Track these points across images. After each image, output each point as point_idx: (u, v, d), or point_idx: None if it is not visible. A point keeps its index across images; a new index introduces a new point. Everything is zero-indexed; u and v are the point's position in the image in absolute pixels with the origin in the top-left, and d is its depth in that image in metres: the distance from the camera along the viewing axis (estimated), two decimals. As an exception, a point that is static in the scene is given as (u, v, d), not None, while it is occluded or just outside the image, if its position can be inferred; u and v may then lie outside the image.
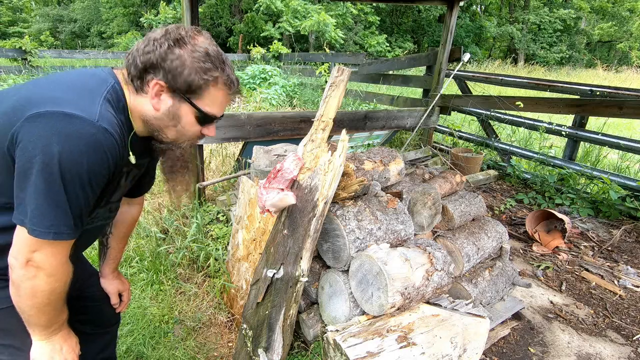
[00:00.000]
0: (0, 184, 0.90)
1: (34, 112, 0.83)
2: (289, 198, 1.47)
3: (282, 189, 1.50)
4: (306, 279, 1.48)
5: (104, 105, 0.90)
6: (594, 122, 5.83)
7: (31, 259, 0.87)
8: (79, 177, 0.86)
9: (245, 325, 1.69)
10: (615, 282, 2.74)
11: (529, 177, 4.41)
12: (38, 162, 0.81)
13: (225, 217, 2.93)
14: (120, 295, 1.42)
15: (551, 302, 2.52)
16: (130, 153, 1.00)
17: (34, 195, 0.83)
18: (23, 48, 8.16)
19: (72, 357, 1.05)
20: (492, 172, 4.64)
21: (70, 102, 0.85)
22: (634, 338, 2.22)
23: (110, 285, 1.40)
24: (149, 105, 0.98)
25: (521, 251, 3.15)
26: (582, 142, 4.31)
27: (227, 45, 17.46)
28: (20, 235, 0.87)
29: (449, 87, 4.76)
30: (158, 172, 1.35)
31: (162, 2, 14.41)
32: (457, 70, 4.82)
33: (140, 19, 14.13)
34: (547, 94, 4.83)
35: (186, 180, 1.23)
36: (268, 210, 1.49)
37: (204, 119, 1.02)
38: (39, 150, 0.81)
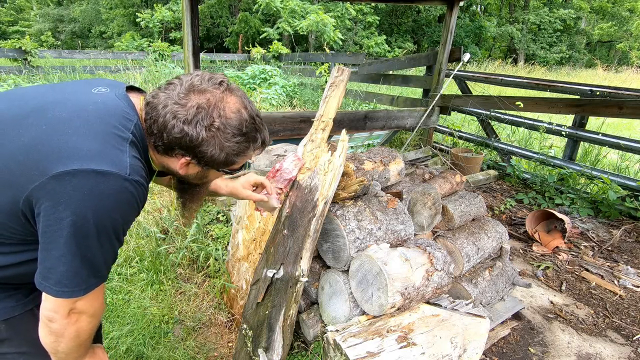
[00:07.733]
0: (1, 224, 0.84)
1: (60, 170, 0.75)
2: (273, 201, 1.42)
3: (281, 189, 1.49)
4: (306, 279, 1.48)
5: (131, 151, 0.85)
6: (594, 122, 5.83)
7: (74, 308, 0.86)
8: (114, 231, 0.85)
9: (245, 325, 1.69)
10: (615, 282, 2.74)
11: (529, 177, 4.41)
12: (69, 224, 0.77)
13: (225, 217, 2.93)
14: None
15: (551, 302, 2.52)
16: None
17: (65, 259, 0.79)
18: (23, 48, 8.15)
19: None
20: (492, 172, 4.64)
21: (98, 154, 0.79)
22: (634, 338, 2.22)
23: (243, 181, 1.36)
24: (174, 165, 0.96)
25: (521, 251, 3.15)
26: (582, 142, 4.31)
27: (225, 45, 17.45)
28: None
29: (449, 87, 4.77)
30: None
31: (158, 2, 14.40)
32: (457, 70, 4.82)
33: (137, 19, 14.13)
34: (547, 94, 4.83)
35: (200, 202, 1.22)
36: (259, 210, 1.48)
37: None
38: (70, 212, 0.76)
